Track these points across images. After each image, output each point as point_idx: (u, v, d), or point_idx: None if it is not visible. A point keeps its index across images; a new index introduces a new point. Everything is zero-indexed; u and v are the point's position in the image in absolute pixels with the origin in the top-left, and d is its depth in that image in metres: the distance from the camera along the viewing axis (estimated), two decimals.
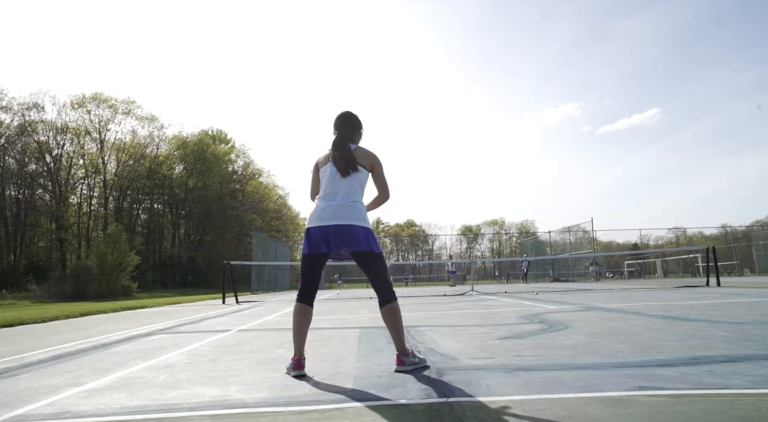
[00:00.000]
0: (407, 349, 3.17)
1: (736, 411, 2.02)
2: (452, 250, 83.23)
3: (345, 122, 3.37)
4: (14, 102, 39.43)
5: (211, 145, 47.64)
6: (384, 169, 3.40)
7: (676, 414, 2.00)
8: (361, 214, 3.16)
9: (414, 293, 18.18)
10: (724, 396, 2.25)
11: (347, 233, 3.09)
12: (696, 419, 1.93)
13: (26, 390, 2.99)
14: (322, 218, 3.13)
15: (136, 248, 36.39)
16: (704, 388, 2.42)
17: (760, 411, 2.02)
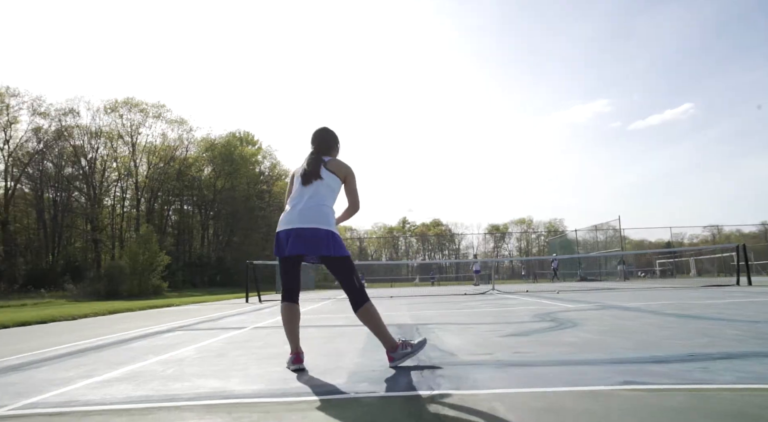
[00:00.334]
0: (395, 343, 3.24)
1: (711, 404, 2.04)
2: (479, 249, 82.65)
3: (319, 138, 3.47)
4: (51, 108, 40.86)
5: (238, 147, 48.45)
6: (356, 181, 3.46)
7: (649, 406, 2.03)
8: (325, 218, 3.19)
9: (436, 292, 18.21)
10: (705, 391, 2.26)
11: (310, 236, 3.13)
12: (668, 411, 1.95)
13: (42, 381, 3.17)
14: (288, 222, 3.21)
15: (167, 248, 37.28)
16: (689, 383, 2.43)
17: (734, 404, 2.03)
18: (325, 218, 3.16)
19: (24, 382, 3.16)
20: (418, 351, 3.30)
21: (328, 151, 3.45)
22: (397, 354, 3.21)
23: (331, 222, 3.20)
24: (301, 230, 3.12)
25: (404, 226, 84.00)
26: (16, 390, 2.90)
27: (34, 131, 40.58)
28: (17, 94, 40.53)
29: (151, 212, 43.82)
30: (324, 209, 3.19)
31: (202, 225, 47.87)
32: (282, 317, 3.29)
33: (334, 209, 3.32)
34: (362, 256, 74.42)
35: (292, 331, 3.28)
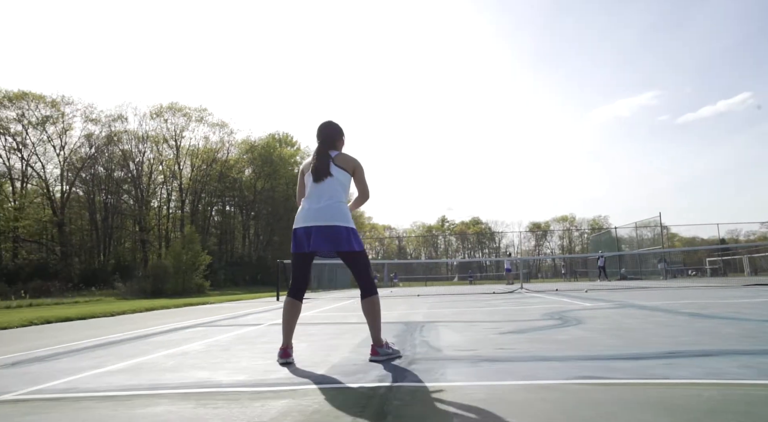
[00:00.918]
0: (382, 341, 3.39)
1: (646, 396, 2.10)
2: (520, 247, 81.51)
3: (324, 133, 3.59)
4: (102, 115, 42.89)
5: (277, 148, 49.45)
6: (365, 172, 3.62)
7: (586, 399, 2.11)
8: (343, 215, 3.36)
9: (467, 291, 18.20)
10: (647, 386, 2.32)
11: (330, 233, 3.30)
12: (601, 402, 2.03)
13: (56, 370, 3.48)
14: (306, 219, 3.38)
15: (210, 248, 38.47)
16: (641, 378, 2.49)
17: (662, 396, 2.08)
18: (343, 216, 3.33)
19: (40, 371, 3.47)
20: (395, 356, 3.42)
21: (333, 144, 3.57)
22: (382, 352, 3.37)
23: (349, 218, 3.37)
24: (322, 228, 3.29)
25: (443, 224, 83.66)
26: (31, 378, 3.21)
27: (86, 136, 42.69)
28: (71, 102, 42.78)
29: (195, 213, 45.30)
30: (341, 207, 3.36)
31: (244, 225, 49.13)
32: (283, 312, 3.47)
33: (346, 203, 3.47)
34: (401, 255, 74.54)
35: (288, 326, 3.45)
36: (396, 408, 2.11)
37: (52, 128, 42.29)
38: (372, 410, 2.09)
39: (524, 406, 2.06)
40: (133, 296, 26.19)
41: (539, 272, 72.31)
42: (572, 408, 1.99)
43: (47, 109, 42.16)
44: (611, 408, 1.97)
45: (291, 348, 3.44)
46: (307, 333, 5.25)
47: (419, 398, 2.27)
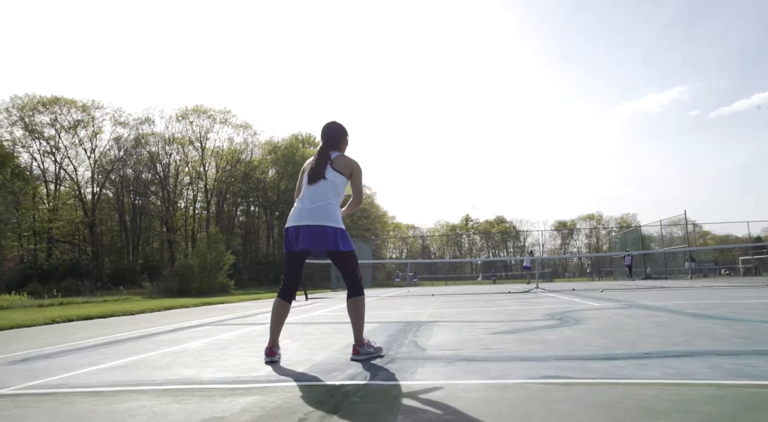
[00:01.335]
0: (363, 340, 3.48)
1: (598, 395, 2.14)
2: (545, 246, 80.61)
3: (327, 133, 3.67)
4: (130, 118, 44.10)
5: (300, 148, 49.98)
6: (362, 176, 3.68)
7: (540, 397, 2.16)
8: (333, 215, 3.44)
9: (485, 290, 18.14)
10: (608, 385, 2.36)
11: (319, 233, 3.39)
12: (553, 401, 2.08)
13: (58, 367, 3.67)
14: (296, 219, 3.47)
15: (234, 248, 39.13)
16: (606, 378, 2.53)
17: (618, 396, 2.12)
18: (332, 216, 3.42)
19: (43, 368, 3.67)
20: (376, 355, 3.50)
21: (336, 145, 3.65)
22: (363, 351, 3.46)
23: (338, 219, 3.46)
24: (311, 228, 3.38)
25: (467, 223, 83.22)
26: (32, 374, 3.40)
27: (115, 139, 43.89)
28: (101, 106, 44.06)
29: (220, 213, 46.11)
30: (331, 207, 3.44)
31: (268, 225, 49.81)
32: (272, 312, 3.56)
33: (338, 205, 3.55)
34: (425, 254, 74.40)
35: (275, 326, 3.54)
36: (352, 404, 2.19)
37: (83, 131, 43.62)
38: (328, 406, 2.19)
39: (475, 403, 2.12)
40: (159, 296, 26.83)
41: (566, 271, 71.38)
42: (521, 405, 2.05)
43: (78, 113, 43.49)
44: (559, 406, 2.02)
45: (277, 347, 3.54)
46: (305, 332, 5.38)
47: (379, 395, 2.35)
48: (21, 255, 39.64)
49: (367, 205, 57.58)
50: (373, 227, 57.23)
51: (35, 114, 42.56)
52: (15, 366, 3.80)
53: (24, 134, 42.60)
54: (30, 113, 42.34)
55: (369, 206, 58.27)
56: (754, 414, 1.86)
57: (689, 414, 1.89)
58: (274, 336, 3.54)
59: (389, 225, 69.89)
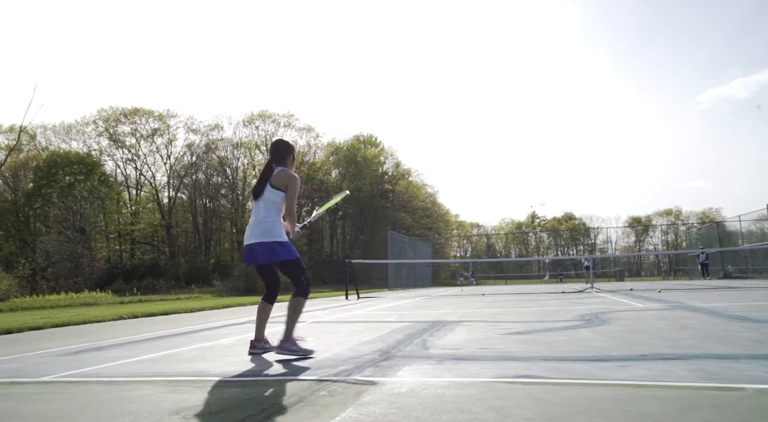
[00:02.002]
0: (291, 337, 3.74)
1: (554, 395, 2.22)
2: (618, 244, 77.28)
3: (272, 150, 4.03)
4: (201, 125, 46.59)
5: (361, 149, 50.73)
6: (297, 189, 3.89)
7: (498, 396, 2.27)
8: (270, 231, 3.76)
9: (537, 290, 17.80)
10: (571, 385, 2.43)
11: (263, 249, 3.76)
12: (509, 398, 2.19)
13: (100, 359, 4.11)
14: (246, 238, 3.87)
15: (299, 248, 40.38)
16: (575, 379, 2.59)
17: (574, 395, 2.19)
18: (270, 232, 3.74)
19: (86, 359, 4.12)
20: (299, 355, 3.69)
21: (281, 160, 3.96)
22: (286, 347, 3.73)
23: (277, 234, 3.76)
24: (252, 246, 3.78)
25: (533, 221, 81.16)
26: (74, 365, 3.85)
27: (188, 146, 46.50)
28: (175, 115, 46.84)
29: None
30: (268, 224, 3.76)
31: (331, 225, 50.95)
32: (257, 312, 4.00)
33: (280, 219, 3.84)
34: (490, 253, 73.34)
35: (259, 324, 3.97)
36: (316, 398, 2.39)
37: (160, 139, 46.53)
38: (295, 398, 2.40)
39: (426, 399, 2.26)
40: (227, 294, 28.24)
41: (641, 269, 68.12)
42: (466, 401, 2.18)
43: (155, 122, 46.45)
44: (500, 403, 2.13)
45: (259, 341, 3.90)
46: (332, 330, 5.64)
47: (346, 390, 2.54)
48: (108, 256, 42.86)
49: (429, 204, 57.57)
50: (435, 226, 57.07)
51: (118, 125, 45.91)
52: (65, 357, 4.29)
53: (109, 143, 46.07)
54: (113, 123, 45.71)
55: (431, 205, 58.21)
56: (690, 413, 1.90)
57: (625, 412, 1.95)
58: (259, 332, 3.94)
59: (452, 224, 69.41)
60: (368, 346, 4.18)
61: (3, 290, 25.81)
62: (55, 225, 35.86)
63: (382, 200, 51.02)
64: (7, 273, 28.27)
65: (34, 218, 42.69)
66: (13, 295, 25.21)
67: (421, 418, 1.98)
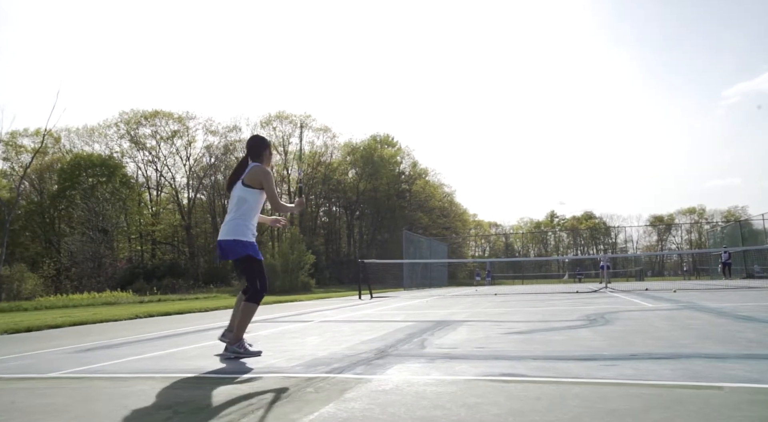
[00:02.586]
0: (240, 340, 3.83)
1: (527, 392, 2.28)
2: (639, 243, 76.24)
3: (247, 147, 4.06)
4: (220, 126, 47.29)
5: (378, 149, 50.89)
6: (272, 182, 3.91)
7: (466, 392, 2.33)
8: (234, 229, 3.84)
9: (550, 290, 17.69)
10: (546, 383, 2.48)
11: (226, 246, 3.87)
12: (483, 395, 2.25)
13: (109, 356, 4.26)
14: (220, 234, 3.98)
15: (317, 248, 40.70)
16: (554, 377, 2.63)
17: (544, 393, 2.24)
18: (233, 230, 3.85)
19: (96, 356, 4.27)
20: (246, 356, 3.79)
21: (256, 156, 4.00)
22: (231, 349, 3.83)
23: (241, 232, 3.82)
24: (219, 243, 3.92)
25: (552, 220, 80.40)
26: (83, 361, 4.00)
27: (206, 147, 47.23)
28: (194, 117, 47.60)
29: (303, 214, 48.01)
30: (234, 222, 3.87)
31: (348, 225, 51.19)
32: (235, 303, 4.16)
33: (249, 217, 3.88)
34: (509, 252, 72.87)
35: (234, 314, 4.12)
36: (302, 394, 2.48)
37: (179, 141, 47.33)
38: (282, 394, 2.49)
39: (407, 395, 2.33)
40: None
41: (664, 269, 67.07)
42: (449, 399, 2.24)
43: (175, 124, 47.23)
44: (472, 399, 2.19)
45: (231, 331, 4.00)
46: (337, 329, 5.73)
47: (333, 387, 2.62)
48: (129, 256, 43.68)
49: (446, 203, 57.46)
50: (453, 225, 56.93)
51: (139, 127, 46.78)
52: (76, 355, 4.45)
53: (130, 145, 46.96)
54: (134, 126, 46.59)
55: (449, 205, 58.10)
56: (655, 410, 1.93)
57: (590, 408, 2.00)
58: (231, 322, 4.10)
59: (470, 223, 69.15)
60: (367, 345, 4.25)
61: (29, 289, 26.57)
62: (79, 226, 36.69)
63: (399, 200, 51.09)
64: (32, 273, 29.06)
65: (59, 220, 43.72)
66: (39, 294, 25.94)
67: (396, 414, 2.05)
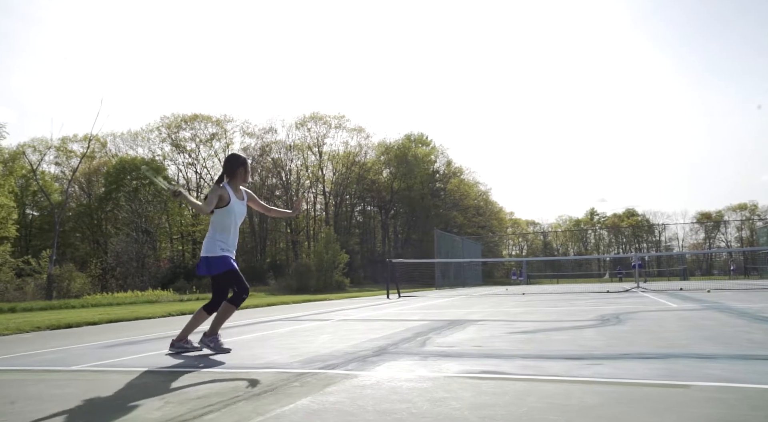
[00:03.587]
0: (213, 335, 4.10)
1: (500, 389, 2.37)
2: (685, 241, 73.75)
3: (223, 164, 4.32)
4: (256, 128, 48.31)
5: (412, 148, 50.90)
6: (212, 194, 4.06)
7: (440, 388, 2.44)
8: (205, 247, 4.13)
9: (581, 289, 17.40)
10: (520, 380, 2.56)
11: (201, 264, 4.14)
12: (454, 390, 2.35)
13: (128, 352, 4.54)
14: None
15: (351, 247, 41.12)
16: (534, 374, 2.72)
17: (514, 390, 2.33)
18: (204, 249, 4.15)
19: (116, 352, 4.56)
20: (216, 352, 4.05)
21: (231, 174, 4.23)
22: (204, 341, 4.10)
23: (207, 248, 4.11)
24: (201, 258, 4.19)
25: (592, 218, 78.60)
26: (102, 356, 4.28)
27: (243, 149, 48.24)
28: (231, 120, 48.76)
29: (338, 214, 48.60)
30: (205, 241, 4.17)
31: (383, 225, 51.44)
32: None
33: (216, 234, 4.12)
34: (547, 251, 71.68)
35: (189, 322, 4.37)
36: (288, 387, 2.64)
37: (218, 143, 48.59)
38: (271, 387, 2.65)
39: (382, 390, 2.46)
40: (280, 292, 29.20)
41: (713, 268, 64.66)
42: (418, 394, 2.35)
43: (214, 127, 48.54)
44: (441, 394, 2.30)
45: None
46: (350, 329, 5.88)
47: (318, 381, 2.77)
48: (171, 256, 45.19)
49: (482, 202, 57.00)
50: (488, 224, 56.42)
51: (179, 131, 48.31)
52: (100, 350, 4.75)
53: (171, 148, 48.56)
54: (175, 129, 48.12)
55: (484, 203, 57.60)
56: (609, 405, 2.00)
57: (547, 403, 2.09)
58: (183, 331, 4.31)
59: (506, 222, 68.35)
60: (371, 343, 4.39)
61: (77, 287, 27.86)
62: (124, 227, 38.26)
63: (433, 199, 50.96)
64: (81, 273, 30.45)
65: (105, 221, 45.63)
66: (86, 292, 27.21)
67: (363, 406, 2.18)
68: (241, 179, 4.26)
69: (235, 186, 4.24)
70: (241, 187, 4.32)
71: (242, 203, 4.27)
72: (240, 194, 4.27)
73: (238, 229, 4.28)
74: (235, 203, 4.15)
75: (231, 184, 4.21)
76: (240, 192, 4.28)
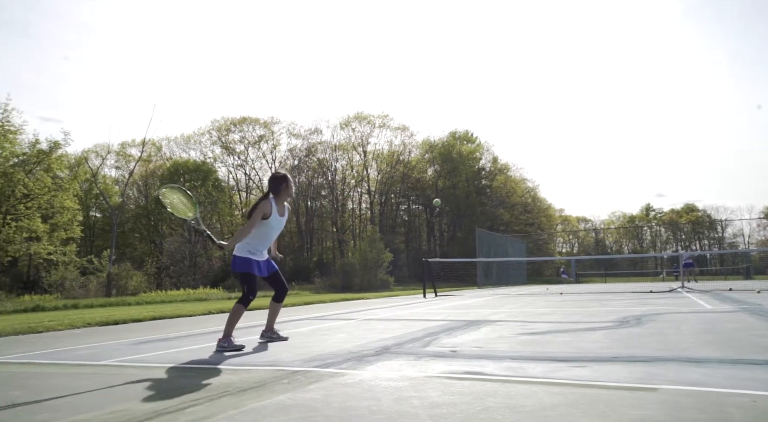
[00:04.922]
0: (227, 336, 4.37)
1: (469, 389, 2.47)
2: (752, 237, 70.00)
3: (268, 184, 4.65)
4: (302, 129, 49.29)
5: (456, 145, 50.60)
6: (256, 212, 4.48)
7: (415, 387, 2.56)
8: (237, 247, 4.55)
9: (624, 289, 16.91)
10: (495, 381, 2.65)
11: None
12: (423, 389, 2.48)
13: (156, 348, 4.86)
14: None
15: (396, 246, 41.33)
16: (509, 375, 2.80)
17: (481, 391, 2.42)
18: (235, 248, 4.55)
19: (144, 348, 4.89)
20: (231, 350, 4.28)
21: (275, 192, 4.58)
22: (219, 344, 4.36)
23: (236, 247, 4.52)
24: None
25: (648, 214, 75.67)
26: (129, 352, 4.61)
27: (290, 150, 49.40)
28: (278, 121, 49.98)
29: (383, 212, 48.93)
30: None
31: (428, 223, 51.39)
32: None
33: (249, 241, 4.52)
34: (599, 248, 69.55)
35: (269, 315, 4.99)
36: (280, 383, 2.83)
37: (265, 145, 49.91)
38: (267, 383, 2.85)
39: (362, 389, 2.61)
40: (325, 291, 29.74)
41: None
42: (390, 393, 2.50)
43: (261, 129, 49.89)
44: (410, 392, 2.43)
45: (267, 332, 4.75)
46: (369, 328, 6.04)
47: (309, 379, 2.94)
48: (222, 255, 46.80)
49: (529, 199, 56.04)
50: (536, 221, 55.39)
51: (229, 133, 49.93)
52: (132, 346, 5.11)
53: (221, 151, 50.26)
54: (225, 132, 49.77)
55: (532, 200, 56.58)
56: (560, 407, 2.08)
57: (503, 405, 2.19)
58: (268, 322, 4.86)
59: (555, 219, 66.78)
60: (378, 343, 4.53)
61: (134, 285, 29.37)
62: (177, 228, 40.00)
63: (479, 197, 50.49)
64: (138, 271, 32.04)
65: (161, 222, 47.79)
66: (143, 290, 28.65)
67: (332, 404, 2.34)
68: (285, 195, 4.62)
69: (280, 202, 4.60)
70: (285, 202, 4.68)
71: (282, 219, 4.65)
72: (282, 209, 4.63)
73: (272, 240, 4.67)
74: (274, 218, 4.54)
75: (277, 200, 4.58)
76: (283, 207, 4.64)
